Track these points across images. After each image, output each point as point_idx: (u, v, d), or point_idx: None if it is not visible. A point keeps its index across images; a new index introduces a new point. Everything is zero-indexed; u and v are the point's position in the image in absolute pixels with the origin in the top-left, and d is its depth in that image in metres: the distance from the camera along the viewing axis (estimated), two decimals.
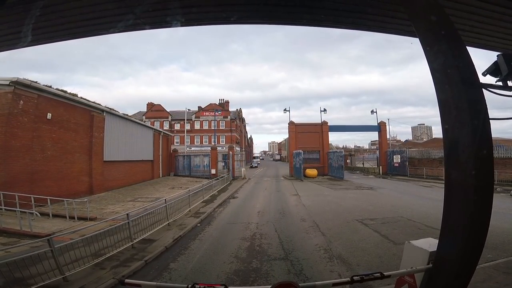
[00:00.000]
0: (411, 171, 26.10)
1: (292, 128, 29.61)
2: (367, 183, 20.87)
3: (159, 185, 20.30)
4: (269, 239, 7.24)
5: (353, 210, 10.77)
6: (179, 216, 9.61)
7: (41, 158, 12.18)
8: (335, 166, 26.14)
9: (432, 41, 2.01)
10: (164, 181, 23.55)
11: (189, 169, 29.82)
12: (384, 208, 11.11)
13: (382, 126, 30.77)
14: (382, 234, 7.48)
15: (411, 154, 27.87)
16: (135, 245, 6.92)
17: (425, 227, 8.14)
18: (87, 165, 15.49)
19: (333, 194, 15.30)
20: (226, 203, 13.35)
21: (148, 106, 50.42)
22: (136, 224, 7.73)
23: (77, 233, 6.61)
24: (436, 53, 1.97)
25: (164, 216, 8.76)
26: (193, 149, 45.43)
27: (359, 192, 16.07)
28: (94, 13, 4.50)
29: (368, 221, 8.90)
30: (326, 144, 29.25)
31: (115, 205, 12.73)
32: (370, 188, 17.73)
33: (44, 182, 12.20)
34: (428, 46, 2.04)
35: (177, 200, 10.21)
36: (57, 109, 13.29)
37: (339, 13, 4.97)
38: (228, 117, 49.54)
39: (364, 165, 38.48)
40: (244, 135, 73.86)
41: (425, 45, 2.05)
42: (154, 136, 26.47)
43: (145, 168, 24.02)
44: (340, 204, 12.05)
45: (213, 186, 17.47)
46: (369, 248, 6.46)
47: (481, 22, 4.65)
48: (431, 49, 2.02)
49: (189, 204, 10.85)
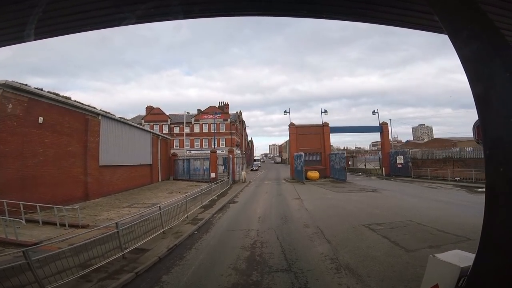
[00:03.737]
0: (414, 172, 25.60)
1: (293, 130, 29.09)
2: (371, 185, 20.34)
3: (157, 190, 19.81)
4: (271, 247, 6.74)
5: (358, 214, 10.26)
6: (175, 223, 9.12)
7: (32, 164, 11.72)
8: (337, 168, 25.63)
9: (465, 30, 1.76)
10: (163, 186, 23.06)
11: (188, 173, 29.37)
12: (391, 211, 10.59)
13: (384, 127, 30.26)
14: (392, 240, 6.97)
15: (414, 154, 27.39)
16: (127, 255, 6.44)
17: (438, 231, 7.63)
18: (82, 170, 15.03)
19: (337, 197, 14.78)
20: (226, 208, 12.85)
21: (147, 109, 50.10)
22: (129, 232, 7.27)
23: (66, 242, 6.23)
24: (471, 43, 1.71)
25: (159, 224, 8.27)
26: (193, 152, 45.01)
27: (363, 195, 15.55)
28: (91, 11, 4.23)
29: (375, 226, 8.39)
30: (327, 145, 28.73)
31: (110, 211, 12.23)
32: (374, 190, 17.20)
33: (37, 188, 11.73)
34: (459, 36, 1.80)
35: (173, 206, 9.73)
36: (50, 113, 12.86)
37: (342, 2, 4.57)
38: (228, 120, 49.15)
39: (366, 167, 37.99)
40: (245, 138, 73.47)
41: (455, 35, 1.82)
42: (152, 140, 26.03)
43: (143, 172, 23.54)
44: (344, 208, 11.54)
45: (213, 191, 16.99)
46: (379, 257, 5.95)
47: None
48: (462, 40, 1.77)
49: (186, 210, 10.36)
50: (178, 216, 9.73)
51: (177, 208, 10.00)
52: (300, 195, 15.84)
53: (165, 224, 8.50)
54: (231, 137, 48.28)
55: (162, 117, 48.91)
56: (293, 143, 29.09)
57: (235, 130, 49.91)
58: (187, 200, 10.71)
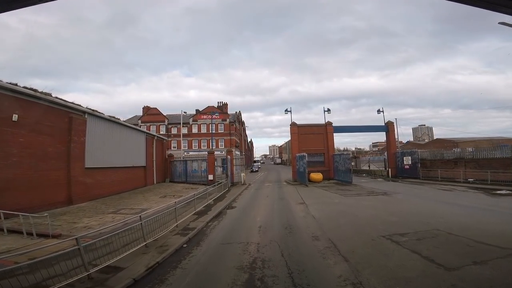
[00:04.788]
0: (423, 173, 24.31)
1: (294, 130, 27.65)
2: (379, 188, 18.99)
3: (150, 193, 18.45)
4: (274, 268, 5.40)
5: (373, 222, 8.93)
6: (162, 234, 7.79)
7: (4, 166, 10.40)
8: (341, 169, 24.24)
9: None
10: (158, 189, 21.70)
11: (185, 175, 28.06)
12: (410, 218, 9.27)
13: (390, 126, 28.89)
14: (424, 256, 5.66)
15: (422, 155, 26.06)
16: (94, 274, 5.18)
17: (475, 243, 6.33)
18: (64, 172, 13.70)
19: (345, 202, 13.41)
20: (222, 215, 11.50)
21: (144, 109, 48.79)
22: (106, 245, 6.05)
23: (27, 255, 5.16)
24: None
25: (142, 235, 6.95)
26: (191, 153, 43.69)
27: (374, 199, 14.18)
28: None
29: (398, 237, 7.06)
30: (331, 146, 27.25)
31: (92, 218, 10.90)
32: (384, 194, 15.86)
33: (10, 192, 10.38)
34: None
35: (162, 214, 8.43)
36: (27, 110, 11.54)
37: None
38: (227, 120, 47.83)
39: (370, 168, 36.67)
40: (244, 139, 72.13)
41: None
42: (146, 141, 24.71)
43: (136, 174, 22.20)
44: (356, 215, 10.19)
45: (209, 194, 15.69)
46: (415, 279, 4.64)
47: None
48: None
49: (176, 218, 9.02)
50: (166, 225, 8.42)
51: (167, 215, 8.70)
52: (304, 200, 14.49)
53: (149, 236, 7.18)
54: (230, 138, 46.91)
55: (159, 117, 47.59)
56: (294, 144, 27.67)
57: (234, 131, 48.55)
58: (177, 207, 9.38)
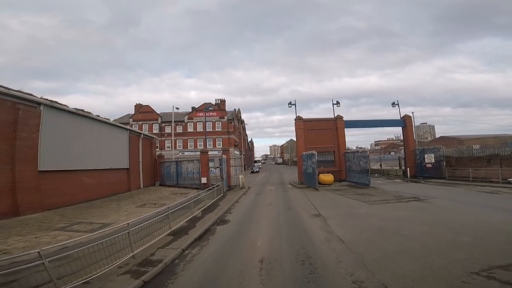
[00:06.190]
0: (448, 173, 21.12)
1: (300, 125, 24.24)
2: (404, 191, 15.71)
3: (128, 201, 15.23)
4: None
5: (438, 246, 5.68)
6: (102, 272, 4.62)
7: None
8: (355, 169, 20.92)
9: None
10: (141, 194, 18.48)
11: (177, 177, 24.87)
12: (490, 238, 6.04)
13: (407, 120, 25.53)
14: None
15: (446, 152, 22.82)
16: None
17: None
18: (7, 177, 10.54)
19: (375, 213, 10.04)
20: (209, 234, 8.26)
21: (136, 107, 45.58)
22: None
23: None
24: None
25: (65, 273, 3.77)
26: (186, 153, 40.48)
27: (409, 207, 10.90)
28: None
29: (502, 273, 3.82)
30: (342, 143, 23.81)
31: (24, 237, 7.73)
32: (417, 199, 12.59)
33: None
34: None
35: (118, 236, 5.31)
36: None
37: None
38: (224, 118, 44.54)
39: (382, 167, 33.42)
40: (244, 138, 68.81)
41: None
42: (130, 139, 21.50)
43: (117, 178, 18.98)
44: (404, 235, 6.90)
45: (199, 202, 12.56)
46: None
47: None
48: None
49: (131, 245, 5.78)
50: (116, 256, 5.26)
51: (122, 239, 5.58)
52: (318, 210, 11.20)
53: (74, 276, 3.98)
54: (229, 137, 43.61)
55: (152, 115, 44.37)
56: (300, 140, 24.27)
57: (233, 129, 45.25)
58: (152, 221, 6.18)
